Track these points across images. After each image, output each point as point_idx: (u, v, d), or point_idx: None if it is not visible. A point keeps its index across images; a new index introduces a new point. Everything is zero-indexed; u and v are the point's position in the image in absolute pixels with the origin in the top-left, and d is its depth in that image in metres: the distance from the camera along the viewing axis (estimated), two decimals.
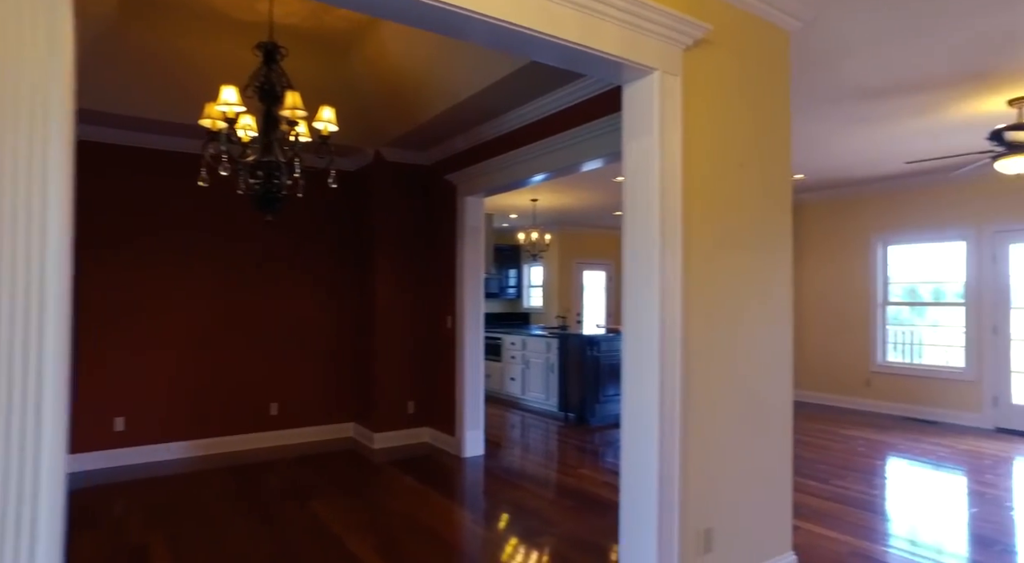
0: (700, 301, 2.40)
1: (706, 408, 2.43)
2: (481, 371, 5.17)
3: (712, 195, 2.46)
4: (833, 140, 5.03)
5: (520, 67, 3.40)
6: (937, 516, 3.69)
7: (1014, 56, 3.31)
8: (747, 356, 2.58)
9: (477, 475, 4.61)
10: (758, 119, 2.63)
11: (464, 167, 4.96)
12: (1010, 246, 6.03)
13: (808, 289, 7.72)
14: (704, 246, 2.42)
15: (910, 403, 6.71)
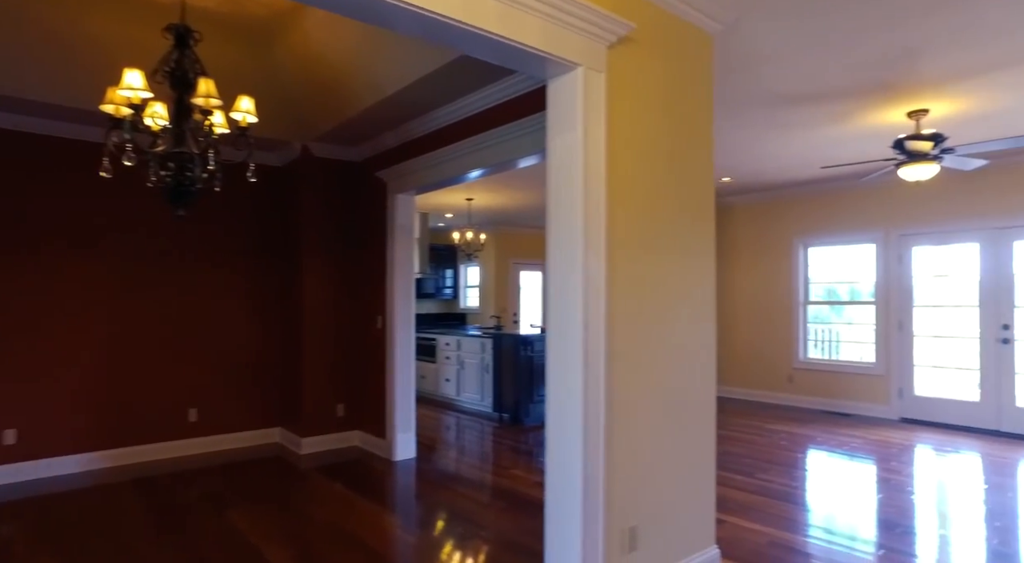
0: (624, 300, 2.41)
1: (630, 407, 2.44)
2: (412, 372, 5.06)
3: (636, 194, 2.47)
4: (757, 144, 5.22)
5: (449, 62, 3.33)
6: (849, 504, 3.87)
7: (911, 71, 3.52)
8: (671, 355, 2.61)
9: (408, 479, 4.50)
10: (682, 120, 2.67)
11: (394, 164, 4.84)
12: (913, 248, 6.45)
13: (737, 289, 8.00)
14: (628, 244, 2.43)
15: (828, 397, 7.06)
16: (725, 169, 6.22)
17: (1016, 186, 5.76)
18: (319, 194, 5.22)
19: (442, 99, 4.04)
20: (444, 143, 4.29)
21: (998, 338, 5.86)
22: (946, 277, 6.26)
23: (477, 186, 6.89)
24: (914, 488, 4.19)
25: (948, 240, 6.21)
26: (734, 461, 4.86)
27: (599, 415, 2.27)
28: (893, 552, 3.14)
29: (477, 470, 4.73)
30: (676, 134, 2.64)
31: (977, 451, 5.21)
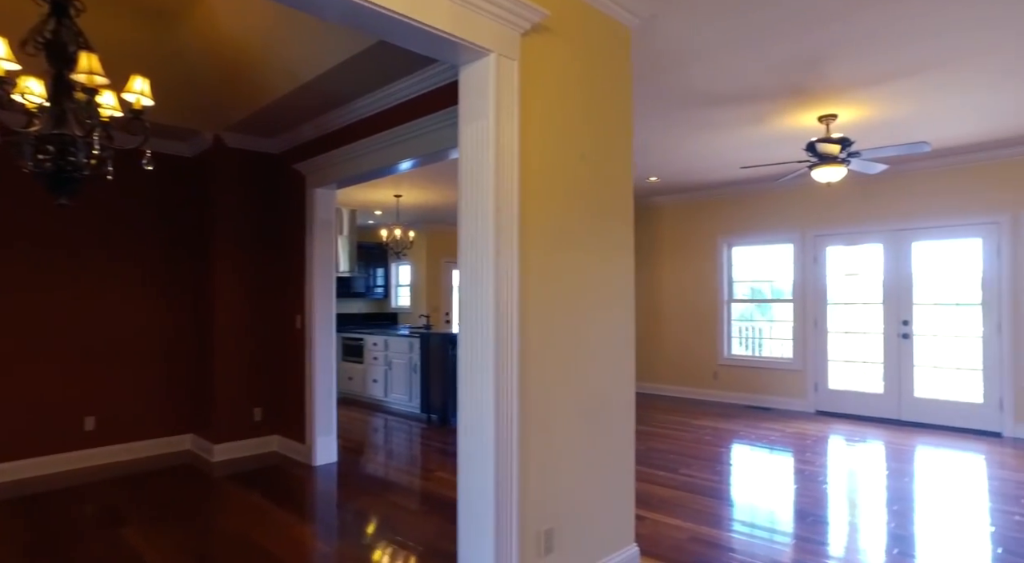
0: (539, 297, 2.34)
1: (546, 407, 2.38)
2: (333, 373, 4.85)
3: (552, 188, 2.41)
4: (682, 144, 5.31)
5: (366, 48, 3.19)
6: (767, 496, 3.97)
7: (821, 75, 3.65)
8: (589, 353, 2.57)
9: (328, 485, 4.30)
10: (600, 113, 2.63)
11: (314, 156, 4.62)
12: (827, 249, 6.77)
13: (665, 288, 8.17)
14: (544, 239, 2.37)
15: (750, 393, 7.30)
16: (652, 169, 6.31)
17: (913, 191, 6.13)
18: (233, 187, 4.92)
19: (363, 88, 3.88)
20: (366, 134, 4.12)
21: (899, 333, 6.22)
22: (856, 276, 6.59)
23: (406, 182, 6.72)
24: (825, 478, 4.36)
25: (857, 241, 6.54)
26: (659, 457, 4.92)
27: (512, 415, 2.19)
28: (805, 541, 3.23)
29: (402, 473, 4.58)
30: (594, 127, 2.60)
31: (881, 440, 5.50)
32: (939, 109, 4.32)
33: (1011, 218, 5.62)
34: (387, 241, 7.98)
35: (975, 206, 5.81)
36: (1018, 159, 5.58)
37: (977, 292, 5.84)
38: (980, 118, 4.55)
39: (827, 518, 3.56)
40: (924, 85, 3.84)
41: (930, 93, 3.99)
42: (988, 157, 5.67)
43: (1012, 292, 5.61)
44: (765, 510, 3.71)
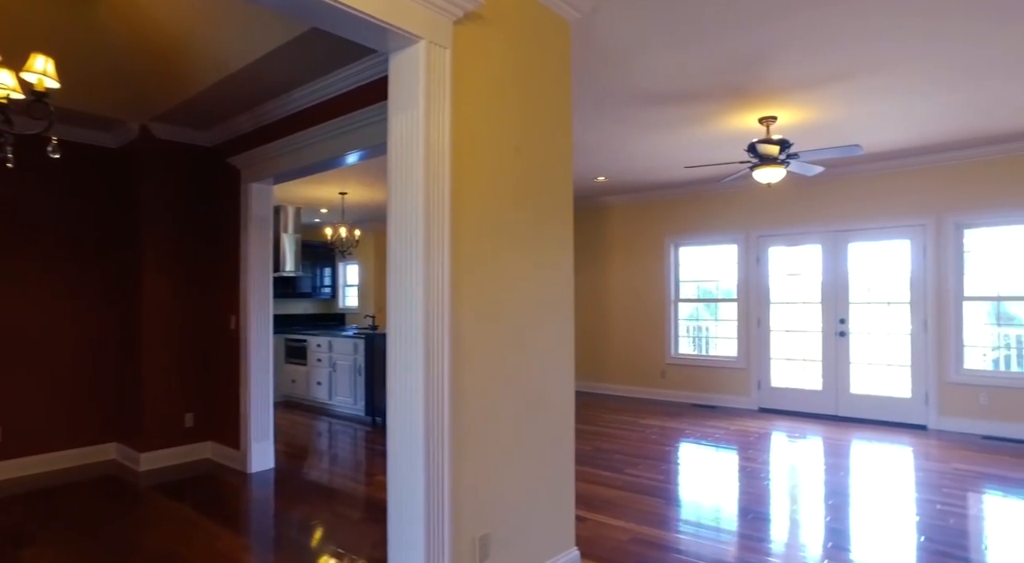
0: (473, 294, 2.26)
1: (481, 408, 2.30)
2: (270, 376, 4.65)
3: (487, 181, 2.34)
4: (629, 144, 5.33)
5: (297, 36, 3.04)
6: (709, 494, 4.00)
7: (758, 77, 3.70)
8: (526, 353, 2.50)
9: (263, 493, 4.10)
10: (537, 107, 2.57)
11: (249, 149, 4.42)
12: (769, 249, 6.93)
13: (614, 288, 8.22)
14: (477, 235, 2.29)
15: (697, 391, 7.41)
16: (600, 168, 6.33)
17: (849, 194, 6.35)
18: (162, 180, 4.65)
19: (300, 79, 3.72)
20: (305, 126, 3.96)
21: (836, 331, 6.43)
22: (798, 276, 6.77)
23: (352, 179, 6.53)
24: (767, 475, 4.43)
25: (798, 242, 6.73)
26: (606, 458, 4.91)
27: (443, 417, 2.10)
28: (746, 539, 3.25)
29: (344, 479, 4.42)
30: (530, 121, 2.54)
31: (820, 435, 5.65)
32: (871, 114, 4.45)
33: (935, 221, 5.87)
34: (332, 240, 7.75)
35: (904, 209, 6.04)
36: (942, 165, 5.83)
37: (906, 291, 6.08)
38: (909, 124, 4.73)
39: (768, 515, 3.61)
40: (857, 90, 3.95)
41: (862, 98, 4.10)
42: (916, 162, 5.92)
43: (936, 291, 5.86)
44: (708, 508, 3.73)
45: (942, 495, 3.91)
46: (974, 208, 5.70)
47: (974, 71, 3.66)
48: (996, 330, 5.74)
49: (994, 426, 5.57)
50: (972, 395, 5.69)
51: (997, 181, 5.59)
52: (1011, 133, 5.08)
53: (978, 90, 3.99)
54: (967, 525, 3.42)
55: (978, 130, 4.95)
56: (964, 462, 4.68)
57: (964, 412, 5.72)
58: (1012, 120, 4.70)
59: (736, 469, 4.57)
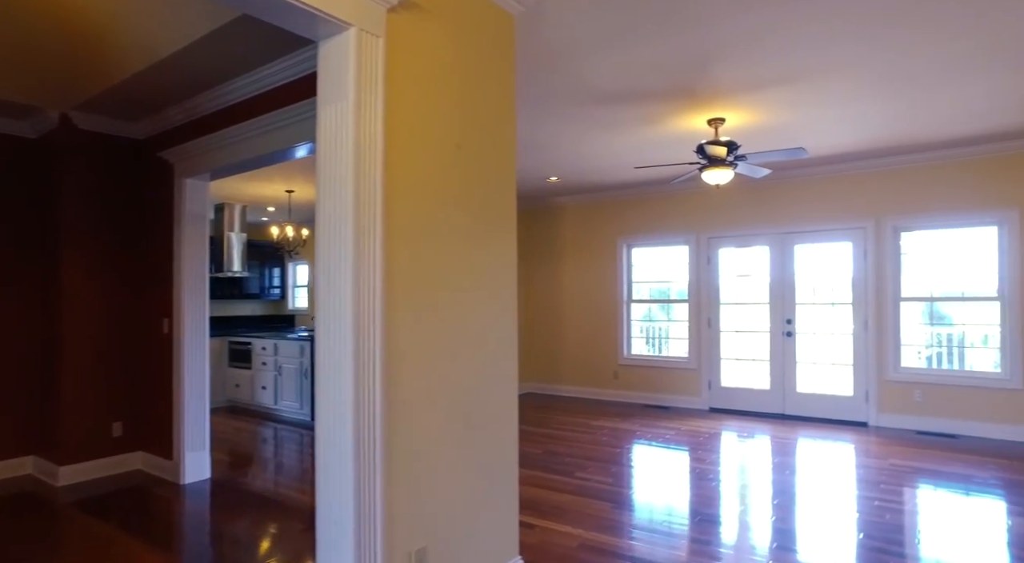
0: (408, 294, 2.16)
1: (416, 413, 2.19)
2: (206, 381, 4.42)
3: (424, 178, 2.23)
4: (581, 143, 5.29)
5: (228, 22, 2.87)
6: (659, 496, 3.98)
7: (706, 78, 3.71)
8: (466, 358, 2.41)
9: (197, 506, 3.88)
10: (479, 102, 2.48)
11: (182, 142, 4.18)
12: (720, 250, 7.03)
13: (567, 289, 8.20)
14: (413, 232, 2.18)
15: (649, 392, 7.46)
16: (551, 168, 6.28)
17: (795, 197, 6.49)
18: (85, 173, 4.36)
19: (235, 69, 3.53)
20: (241, 119, 3.76)
21: (783, 332, 6.56)
22: (748, 277, 6.88)
23: (298, 176, 6.31)
24: (716, 476, 4.45)
25: (747, 243, 6.84)
26: (556, 461, 4.85)
27: (375, 424, 1.99)
28: (694, 542, 3.24)
29: (286, 488, 4.23)
30: (472, 117, 2.45)
31: (767, 434, 5.74)
32: (815, 118, 4.54)
33: (875, 224, 6.06)
34: (278, 239, 7.48)
35: (846, 212, 6.21)
36: (881, 170, 6.02)
37: (848, 292, 6.25)
38: (850, 129, 4.84)
39: (717, 517, 3.61)
40: (801, 94, 4.01)
41: (806, 102, 4.17)
42: (857, 167, 6.09)
43: (876, 292, 6.04)
44: (657, 512, 3.71)
45: (880, 491, 4.00)
46: (910, 212, 5.89)
47: (907, 79, 3.76)
48: (929, 329, 5.95)
49: (927, 421, 5.77)
50: (908, 392, 5.88)
51: (930, 187, 5.80)
52: (941, 141, 5.26)
53: (911, 98, 4.10)
54: (903, 520, 3.50)
55: (913, 137, 5.11)
56: (900, 457, 4.82)
57: (901, 409, 5.91)
58: (942, 128, 4.87)
59: (686, 470, 4.58)
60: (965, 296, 5.75)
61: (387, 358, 2.05)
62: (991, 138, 5.23)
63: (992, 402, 5.52)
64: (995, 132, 5.02)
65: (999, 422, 5.48)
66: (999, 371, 5.56)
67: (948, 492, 4.00)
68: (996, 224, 5.58)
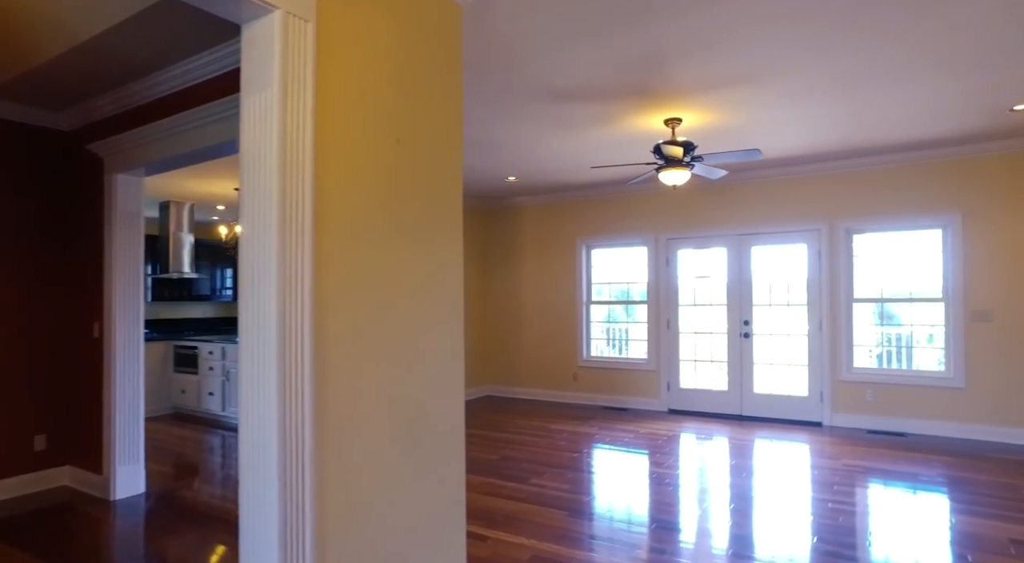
0: (344, 299, 2.01)
1: (355, 425, 2.04)
2: (140, 388, 4.16)
3: (363, 175, 2.09)
4: (539, 143, 5.20)
5: (151, 5, 2.66)
6: (615, 503, 3.91)
7: (661, 76, 3.66)
8: (406, 367, 2.27)
9: (128, 524, 3.63)
10: (422, 95, 2.35)
11: (113, 135, 3.92)
12: (678, 251, 7.04)
13: (527, 290, 8.11)
14: (351, 233, 2.03)
15: (609, 394, 7.42)
16: (510, 168, 6.18)
17: (751, 199, 6.54)
18: (2, 169, 4.05)
19: (168, 57, 3.30)
20: (176, 110, 3.53)
21: (741, 333, 6.60)
22: (707, 278, 6.89)
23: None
24: (672, 480, 4.41)
25: (706, 245, 6.86)
26: (511, 467, 4.74)
27: (303, 443, 1.84)
28: (651, 551, 3.16)
29: (228, 502, 4.00)
30: (414, 110, 2.31)
31: (725, 436, 5.75)
32: (771, 120, 4.55)
33: (828, 226, 6.14)
34: (226, 239, 7.17)
35: (801, 214, 6.29)
36: (834, 173, 6.11)
37: (803, 293, 6.33)
38: (805, 131, 4.87)
39: (674, 524, 3.55)
40: (755, 94, 3.99)
41: (761, 103, 4.16)
42: (811, 169, 6.17)
43: (830, 293, 6.13)
44: (613, 519, 3.63)
45: (833, 493, 4.02)
46: (861, 214, 6.00)
47: (854, 83, 3.79)
48: (880, 329, 6.07)
49: (878, 420, 5.88)
50: (860, 392, 5.98)
51: (879, 190, 5.91)
52: (889, 145, 5.36)
53: (860, 101, 4.14)
54: (855, 522, 3.50)
55: (862, 140, 5.19)
56: (852, 457, 4.87)
57: (853, 408, 6.01)
58: (888, 133, 4.95)
59: (643, 475, 4.53)
60: (913, 297, 5.88)
61: (318, 368, 1.90)
62: (935, 144, 5.35)
63: (937, 401, 5.65)
64: (938, 137, 5.13)
65: (944, 420, 5.61)
66: (943, 370, 5.70)
67: (897, 491, 4.05)
68: (940, 227, 5.72)
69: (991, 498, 3.88)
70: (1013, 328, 5.37)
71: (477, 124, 4.62)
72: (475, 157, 5.69)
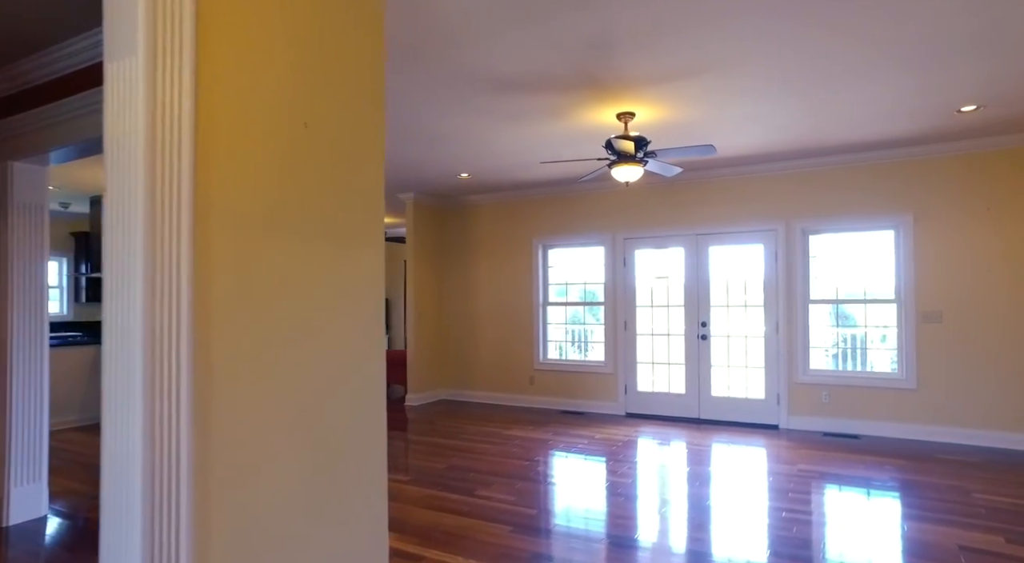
0: (236, 302, 1.73)
1: (247, 452, 1.77)
2: (45, 398, 3.77)
3: (263, 162, 1.81)
4: (489, 137, 4.96)
5: None
6: (566, 515, 3.70)
7: (610, 66, 3.47)
8: (312, 383, 2.00)
9: (23, 553, 3.25)
10: (339, 77, 2.09)
11: (3, 117, 3.53)
12: (636, 251, 6.89)
13: (482, 291, 7.87)
14: (248, 226, 1.76)
15: (566, 397, 7.24)
16: (461, 163, 5.93)
17: (708, 198, 6.44)
18: None
19: (69, 28, 2.95)
20: (81, 89, 3.18)
21: (698, 334, 6.49)
22: (666, 278, 6.77)
23: None
24: (626, 490, 4.23)
25: (663, 244, 6.73)
26: (457, 477, 4.50)
27: (177, 474, 1.55)
28: None
29: None
30: (329, 93, 2.05)
31: (683, 440, 5.62)
32: (725, 117, 4.41)
33: (785, 226, 6.08)
34: None
35: (758, 214, 6.22)
36: (789, 172, 6.05)
37: (760, 294, 6.25)
38: (760, 129, 4.77)
39: (628, 540, 3.35)
40: (708, 88, 3.84)
41: (715, 98, 4.02)
42: (767, 169, 6.10)
43: (786, 294, 6.07)
44: (562, 535, 3.42)
45: (788, 501, 3.89)
46: (817, 215, 5.95)
47: (811, 78, 3.67)
48: (836, 331, 6.04)
49: (833, 422, 5.84)
50: (816, 394, 5.94)
51: (834, 191, 5.87)
52: (843, 145, 5.31)
53: (816, 99, 4.04)
54: (809, 533, 3.37)
55: (819, 140, 5.12)
56: (808, 462, 4.79)
57: (809, 410, 5.96)
58: (842, 132, 4.89)
59: (597, 485, 4.33)
60: (867, 298, 5.86)
61: (199, 383, 1.62)
62: (887, 144, 5.32)
63: (890, 402, 5.64)
64: (891, 138, 5.10)
65: (897, 421, 5.60)
66: (896, 372, 5.69)
67: (851, 496, 3.95)
68: (892, 228, 5.71)
69: (941, 502, 3.82)
70: (962, 329, 5.38)
71: (424, 116, 4.36)
72: (423, 151, 5.42)
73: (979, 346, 5.31)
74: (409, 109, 4.21)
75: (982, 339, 5.30)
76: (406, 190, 7.38)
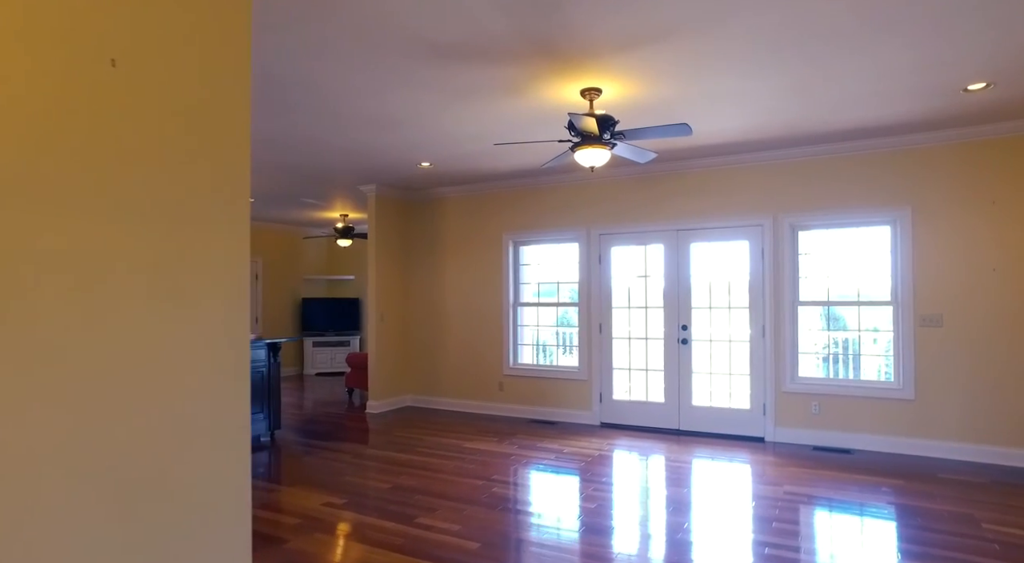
0: (13, 303, 1.20)
1: (18, 506, 1.23)
2: None
3: (36, 102, 1.28)
4: (443, 117, 4.43)
5: None
6: (513, 554, 3.18)
7: (564, 28, 2.95)
8: (125, 398, 1.47)
9: None
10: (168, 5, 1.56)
11: None
12: (612, 249, 6.38)
13: (451, 290, 7.34)
14: (20, 197, 1.23)
15: (537, 405, 6.72)
16: (419, 150, 5.40)
17: (690, 191, 5.94)
18: None
19: None
20: None
21: (678, 338, 5.99)
22: (642, 278, 6.25)
23: None
24: (595, 516, 3.71)
25: (641, 241, 6.23)
26: (400, 500, 3.97)
27: None
28: None
29: None
30: (155, 21, 1.52)
31: (661, 455, 5.11)
32: (702, 94, 3.91)
33: (771, 221, 5.59)
34: None
35: (743, 208, 5.72)
36: (776, 162, 5.56)
37: (745, 295, 5.76)
38: (741, 112, 4.27)
39: None
40: (683, 58, 3.33)
41: (689, 70, 3.51)
42: (752, 159, 5.61)
43: (774, 295, 5.58)
44: None
45: (772, 533, 3.39)
46: (807, 209, 5.46)
47: (799, 45, 3.16)
48: (827, 335, 5.55)
49: (823, 435, 5.36)
50: (805, 404, 5.45)
51: (825, 182, 5.39)
52: (834, 132, 4.83)
53: (801, 74, 3.54)
54: None
55: (808, 125, 4.63)
56: (795, 483, 4.29)
57: (798, 422, 5.47)
58: (836, 116, 4.40)
59: (559, 511, 3.81)
60: (861, 299, 5.38)
61: None
62: (883, 131, 4.84)
63: (885, 413, 5.15)
64: (886, 124, 4.62)
65: (893, 435, 5.12)
66: (891, 381, 5.21)
67: (843, 526, 3.46)
68: (889, 223, 5.23)
69: (946, 535, 3.33)
70: (965, 334, 4.90)
71: (360, 91, 3.83)
72: (371, 135, 4.88)
73: (983, 353, 4.83)
74: (338, 82, 3.67)
75: (986, 345, 4.82)
76: (366, 182, 6.84)
